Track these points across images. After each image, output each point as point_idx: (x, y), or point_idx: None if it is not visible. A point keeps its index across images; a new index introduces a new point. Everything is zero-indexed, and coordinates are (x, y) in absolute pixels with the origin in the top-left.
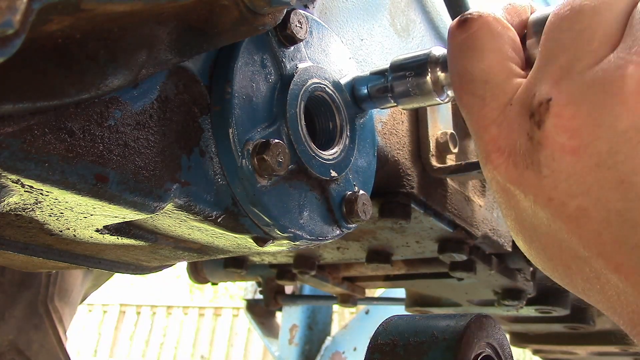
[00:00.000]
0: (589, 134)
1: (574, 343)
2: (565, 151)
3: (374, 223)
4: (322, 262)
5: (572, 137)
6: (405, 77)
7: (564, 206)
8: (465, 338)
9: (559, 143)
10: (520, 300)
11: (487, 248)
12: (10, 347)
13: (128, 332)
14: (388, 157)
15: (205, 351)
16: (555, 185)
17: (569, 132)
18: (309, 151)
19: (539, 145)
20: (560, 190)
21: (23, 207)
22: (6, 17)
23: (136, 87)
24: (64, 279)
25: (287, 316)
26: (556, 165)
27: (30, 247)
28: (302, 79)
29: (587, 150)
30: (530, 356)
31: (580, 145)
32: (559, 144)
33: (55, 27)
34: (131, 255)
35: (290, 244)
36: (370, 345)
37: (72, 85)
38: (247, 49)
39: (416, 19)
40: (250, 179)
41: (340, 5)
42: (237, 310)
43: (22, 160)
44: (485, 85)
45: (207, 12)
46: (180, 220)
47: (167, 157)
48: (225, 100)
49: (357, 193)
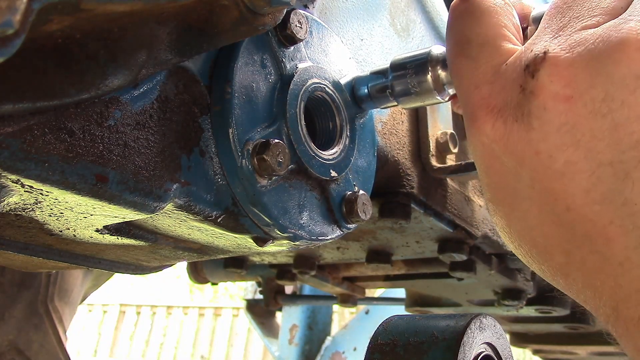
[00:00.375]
0: (585, 82)
1: (574, 343)
2: (558, 100)
3: (374, 223)
4: (322, 262)
5: (567, 85)
6: (405, 76)
7: (552, 160)
8: (465, 338)
9: (552, 92)
10: (520, 300)
11: (487, 248)
12: (10, 347)
13: (128, 332)
14: (388, 157)
15: (205, 351)
16: (545, 138)
17: (564, 81)
18: (309, 151)
19: (531, 95)
20: (549, 143)
21: (23, 207)
22: (6, 17)
23: (136, 87)
24: (64, 279)
25: (287, 316)
26: (547, 115)
27: (30, 247)
28: (302, 79)
29: (581, 98)
30: (530, 356)
31: (575, 93)
32: (553, 92)
33: (55, 27)
34: (131, 255)
35: (290, 244)
36: (370, 345)
37: (72, 85)
38: (247, 49)
39: (416, 19)
40: (250, 179)
41: (340, 5)
42: (237, 310)
43: (22, 160)
44: (481, 48)
45: (207, 12)
46: (180, 220)
47: (167, 157)
48: (225, 100)
49: (357, 193)
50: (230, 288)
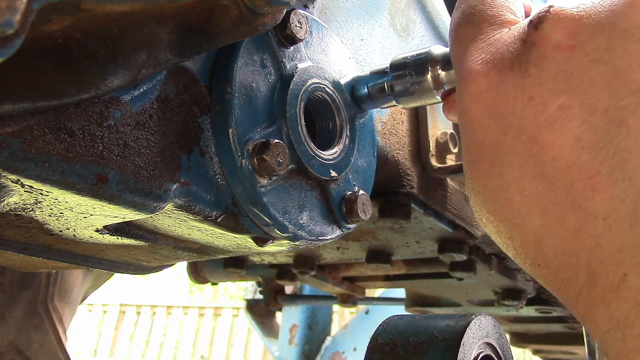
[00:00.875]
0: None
1: (574, 343)
2: (559, 49)
3: (374, 223)
4: (322, 262)
5: (570, 36)
6: (405, 75)
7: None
8: (465, 338)
9: (554, 42)
10: (520, 300)
11: (487, 248)
12: (10, 347)
13: (128, 332)
14: (388, 157)
15: (205, 351)
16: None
17: (568, 31)
18: (309, 151)
19: (532, 45)
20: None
21: (23, 207)
22: (6, 17)
23: (136, 87)
24: (64, 279)
25: (287, 316)
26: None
27: (30, 247)
28: (302, 79)
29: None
30: (530, 356)
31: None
32: (555, 42)
33: (55, 27)
34: (131, 255)
35: (290, 244)
36: (370, 345)
37: (72, 85)
38: (247, 49)
39: (416, 19)
40: (250, 179)
41: (340, 5)
42: (237, 310)
43: (22, 160)
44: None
45: (207, 12)
46: (180, 220)
47: (167, 157)
48: (225, 100)
49: (357, 193)
50: (230, 288)
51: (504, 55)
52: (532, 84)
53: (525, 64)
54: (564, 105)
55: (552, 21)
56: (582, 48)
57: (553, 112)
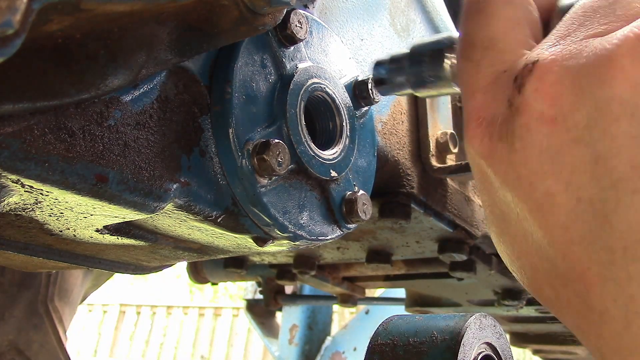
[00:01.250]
0: (570, 102)
1: (574, 343)
2: (542, 121)
3: (374, 223)
4: (322, 262)
5: (551, 105)
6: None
7: (532, 188)
8: (465, 338)
9: (537, 111)
10: (520, 300)
11: (487, 248)
12: (10, 347)
13: (128, 332)
14: (388, 157)
15: (205, 351)
16: (526, 161)
17: (549, 99)
18: (309, 151)
19: (517, 112)
20: (530, 168)
21: (23, 207)
22: (6, 17)
23: (136, 87)
24: (64, 279)
25: (287, 316)
26: (530, 137)
27: (30, 247)
28: (302, 78)
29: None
30: (530, 356)
31: (559, 115)
32: (537, 112)
33: (55, 27)
34: (131, 255)
35: (290, 244)
36: (370, 345)
37: (72, 85)
38: (247, 49)
39: (416, 19)
40: (250, 179)
41: (340, 5)
42: (237, 310)
43: (22, 160)
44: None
45: (207, 12)
46: (180, 220)
47: (167, 157)
48: (225, 100)
49: (357, 193)
50: (230, 288)
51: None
52: (519, 162)
53: (511, 135)
54: (549, 191)
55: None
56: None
57: (540, 197)
